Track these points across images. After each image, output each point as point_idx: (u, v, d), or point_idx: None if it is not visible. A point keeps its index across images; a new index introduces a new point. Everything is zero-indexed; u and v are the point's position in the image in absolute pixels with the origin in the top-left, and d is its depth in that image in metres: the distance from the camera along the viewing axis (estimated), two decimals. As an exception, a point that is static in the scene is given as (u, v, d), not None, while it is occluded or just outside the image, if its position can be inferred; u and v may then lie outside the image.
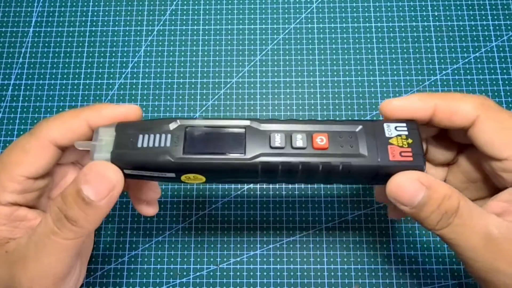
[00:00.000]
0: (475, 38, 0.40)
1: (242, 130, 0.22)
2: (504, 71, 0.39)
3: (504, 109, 0.24)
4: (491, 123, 0.22)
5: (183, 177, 0.23)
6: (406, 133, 0.23)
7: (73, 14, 0.42)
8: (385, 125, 0.23)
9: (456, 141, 0.26)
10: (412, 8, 0.41)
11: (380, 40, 0.40)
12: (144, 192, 0.28)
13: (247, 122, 0.23)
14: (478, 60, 0.39)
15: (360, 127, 0.23)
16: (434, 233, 0.22)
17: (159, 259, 0.35)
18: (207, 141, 0.22)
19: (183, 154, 0.22)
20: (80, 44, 0.41)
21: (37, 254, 0.21)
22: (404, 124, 0.23)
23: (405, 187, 0.22)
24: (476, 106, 0.23)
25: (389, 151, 0.22)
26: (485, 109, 0.23)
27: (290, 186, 0.36)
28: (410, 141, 0.23)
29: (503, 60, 0.39)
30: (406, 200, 0.22)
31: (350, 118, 0.38)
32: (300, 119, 0.34)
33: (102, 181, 0.21)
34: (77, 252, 0.23)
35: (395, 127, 0.23)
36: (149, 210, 0.28)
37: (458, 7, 0.41)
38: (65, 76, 0.40)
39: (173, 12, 0.42)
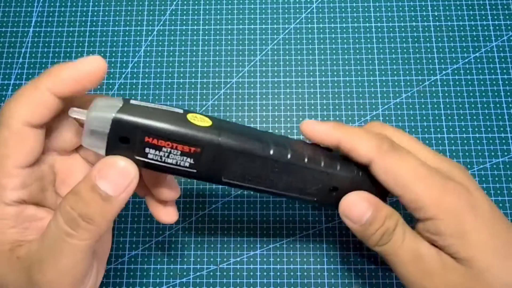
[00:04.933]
0: (475, 38, 0.40)
1: None
2: (504, 71, 0.39)
3: (398, 147, 0.25)
4: (382, 169, 0.24)
5: (189, 115, 0.22)
6: None
7: (73, 14, 0.42)
8: None
9: None
10: (412, 8, 0.41)
11: (380, 40, 0.40)
12: (162, 192, 0.26)
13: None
14: (478, 60, 0.39)
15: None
16: (375, 250, 0.25)
17: (159, 259, 0.35)
18: None
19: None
20: (80, 44, 0.41)
21: (52, 258, 0.20)
22: None
23: (355, 206, 0.25)
24: (371, 149, 0.24)
25: None
26: (379, 153, 0.24)
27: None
28: None
29: (503, 60, 0.39)
30: (355, 217, 0.25)
31: (348, 119, 0.38)
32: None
33: (120, 175, 0.20)
34: (93, 251, 0.22)
35: None
36: (168, 216, 0.27)
37: (458, 7, 0.41)
38: (65, 76, 0.40)
39: (173, 12, 0.42)
